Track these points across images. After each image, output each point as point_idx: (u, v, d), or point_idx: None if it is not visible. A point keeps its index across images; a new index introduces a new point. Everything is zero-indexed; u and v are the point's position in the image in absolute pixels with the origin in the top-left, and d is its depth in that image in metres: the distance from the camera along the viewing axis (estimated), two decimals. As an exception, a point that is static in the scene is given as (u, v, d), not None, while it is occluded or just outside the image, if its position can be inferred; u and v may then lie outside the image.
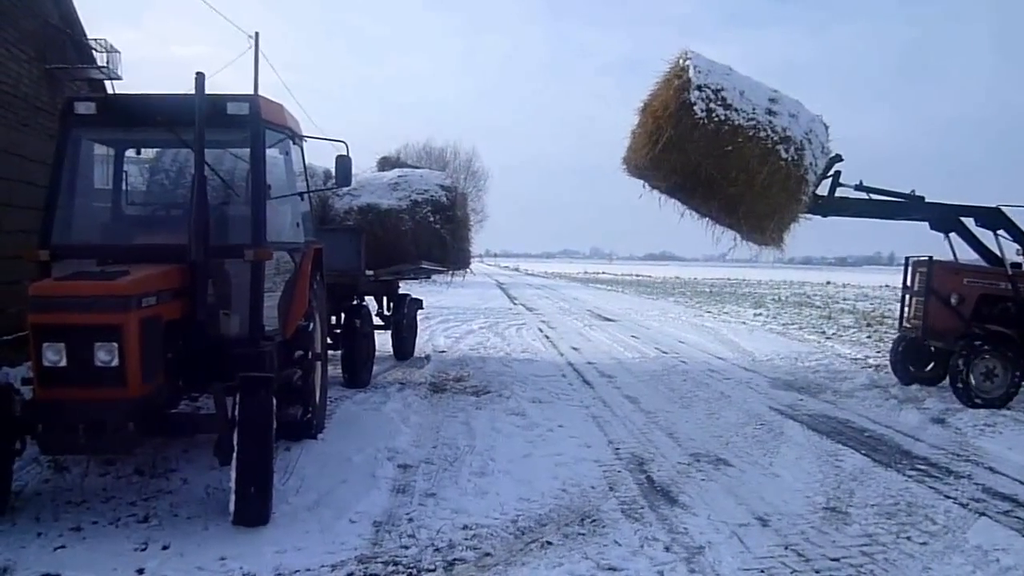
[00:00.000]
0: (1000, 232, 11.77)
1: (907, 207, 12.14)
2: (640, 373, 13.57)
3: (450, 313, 24.56)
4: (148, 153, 8.84)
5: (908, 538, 5.90)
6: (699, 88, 10.83)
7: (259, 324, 6.97)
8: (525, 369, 13.80)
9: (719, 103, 10.85)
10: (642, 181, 11.94)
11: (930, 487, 7.17)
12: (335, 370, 11.25)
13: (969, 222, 12.01)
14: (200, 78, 6.46)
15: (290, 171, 8.27)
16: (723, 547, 5.64)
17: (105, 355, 5.66)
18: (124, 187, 8.20)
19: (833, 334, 20.58)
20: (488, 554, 5.46)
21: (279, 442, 6.96)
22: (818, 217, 12.09)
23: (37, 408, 5.76)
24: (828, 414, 10.26)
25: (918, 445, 8.71)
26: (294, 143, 8.36)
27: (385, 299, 14.30)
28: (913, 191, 12.09)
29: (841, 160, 11.89)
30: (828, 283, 60.52)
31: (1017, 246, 11.85)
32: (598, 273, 77.24)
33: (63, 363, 5.63)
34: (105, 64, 14.91)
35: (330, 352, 10.45)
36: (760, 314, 27.87)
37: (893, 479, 7.40)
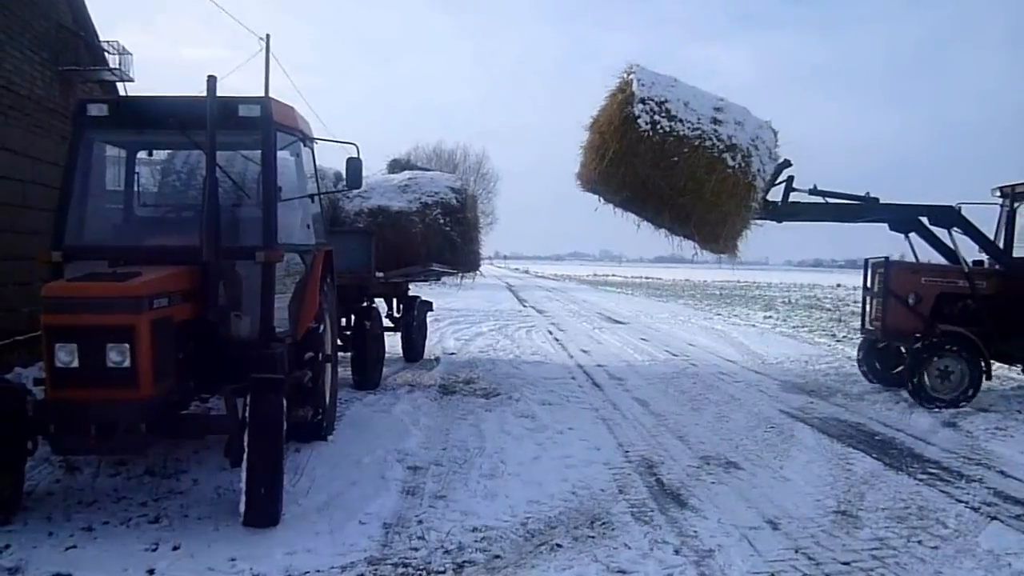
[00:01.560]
0: (955, 230, 11.81)
1: (863, 209, 12.17)
2: (650, 376, 13.55)
3: (460, 315, 24.56)
4: (160, 155, 8.88)
5: (919, 542, 5.87)
6: (642, 101, 10.95)
7: (270, 326, 6.99)
8: (535, 371, 13.80)
9: (663, 115, 10.97)
10: (596, 195, 12.04)
11: (941, 491, 7.14)
12: (345, 372, 11.26)
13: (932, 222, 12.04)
14: (212, 81, 6.48)
15: (301, 173, 8.29)
16: (733, 550, 5.63)
17: (117, 356, 5.69)
18: (136, 189, 8.23)
19: (844, 337, 20.50)
20: (497, 556, 5.46)
21: (289, 443, 6.97)
22: (773, 223, 12.20)
23: (49, 408, 5.79)
24: (839, 417, 10.22)
25: (929, 448, 8.68)
26: (305, 145, 8.38)
27: (395, 301, 14.33)
28: (868, 193, 12.10)
29: (790, 165, 11.96)
30: (839, 286, 60.28)
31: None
32: (608, 275, 77.17)
33: (75, 364, 5.66)
34: (117, 66, 15.00)
35: (340, 354, 10.47)
36: (770, 317, 27.81)
37: (904, 483, 7.37)
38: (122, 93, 14.89)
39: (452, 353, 16.28)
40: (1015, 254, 11.95)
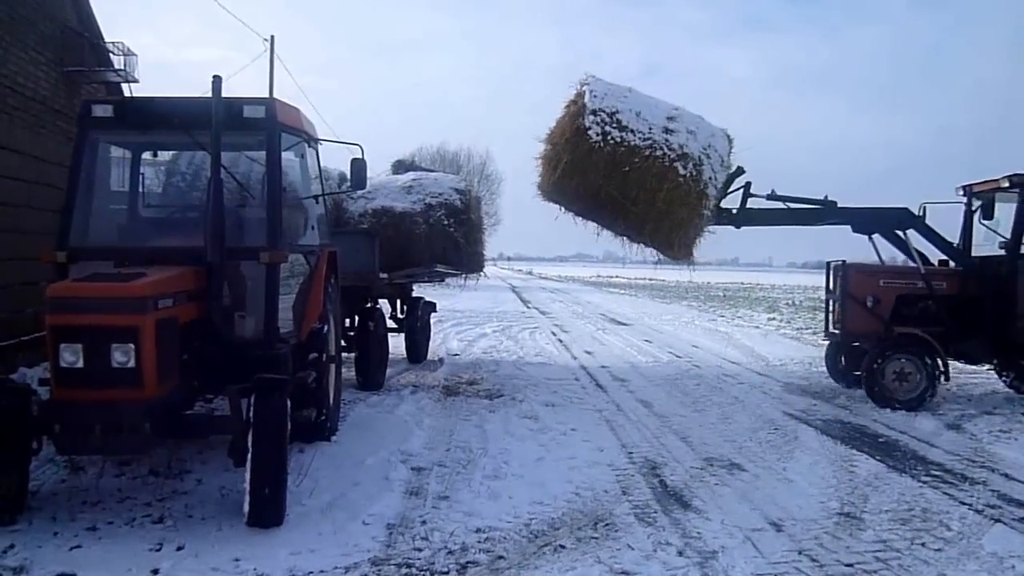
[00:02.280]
0: (911, 231, 11.86)
1: (821, 213, 12.22)
2: (653, 377, 13.55)
3: (463, 316, 24.59)
4: (165, 156, 8.91)
5: (923, 544, 5.86)
6: (594, 112, 11.11)
7: (274, 326, 7.00)
8: (538, 373, 13.80)
9: (614, 126, 11.10)
10: (557, 205, 12.22)
11: (945, 493, 7.13)
12: (349, 373, 11.28)
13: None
14: (217, 81, 6.49)
15: (305, 174, 8.31)
16: (736, 552, 5.63)
17: (121, 356, 5.70)
18: (141, 189, 8.25)
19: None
20: (501, 557, 5.47)
21: (293, 444, 6.99)
22: (731, 228, 12.30)
23: (54, 408, 5.81)
24: (842, 419, 10.22)
25: (933, 451, 8.66)
26: (309, 146, 8.40)
27: (399, 302, 14.36)
28: (826, 196, 12.15)
29: (743, 173, 12.06)
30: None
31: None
32: (611, 277, 77.17)
33: (80, 364, 5.68)
34: (122, 67, 15.04)
35: (344, 355, 10.48)
36: (774, 318, 27.78)
37: (908, 485, 7.36)
38: (127, 94, 14.92)
39: (456, 354, 16.30)
40: (976, 253, 12.00)
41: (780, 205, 12.20)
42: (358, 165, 8.26)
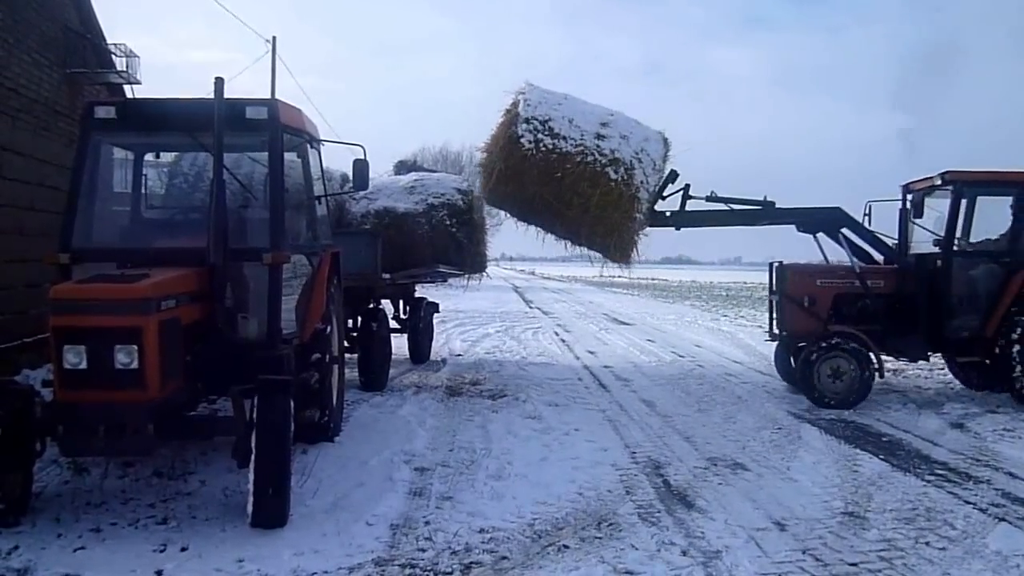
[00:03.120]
0: (843, 231, 11.90)
1: (760, 213, 12.32)
2: (656, 377, 13.54)
3: (466, 317, 24.59)
4: (167, 157, 8.92)
5: (927, 543, 5.85)
6: (526, 121, 11.39)
7: (277, 327, 7.01)
8: (541, 373, 13.80)
9: (546, 133, 11.37)
10: (503, 210, 12.68)
11: (949, 492, 7.12)
12: (352, 373, 11.27)
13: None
14: (219, 83, 6.50)
15: (308, 175, 8.31)
16: (740, 551, 5.62)
17: (125, 357, 5.71)
18: (143, 191, 8.26)
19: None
20: (505, 557, 5.47)
21: (296, 445, 6.99)
22: (672, 229, 12.47)
23: (57, 410, 5.82)
24: (846, 418, 10.20)
25: (937, 450, 8.65)
26: (312, 147, 8.40)
27: (401, 303, 14.37)
28: (765, 197, 12.24)
29: (677, 176, 12.23)
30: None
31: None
32: (614, 277, 77.15)
33: (83, 365, 5.68)
34: (124, 69, 15.05)
35: (347, 355, 10.48)
36: (777, 318, 27.69)
37: (912, 484, 7.35)
38: (129, 95, 14.94)
39: (459, 354, 16.30)
40: (916, 251, 12.07)
41: (721, 206, 12.35)
42: (360, 166, 8.27)
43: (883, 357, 11.28)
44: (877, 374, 10.96)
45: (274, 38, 31.19)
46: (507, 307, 30.70)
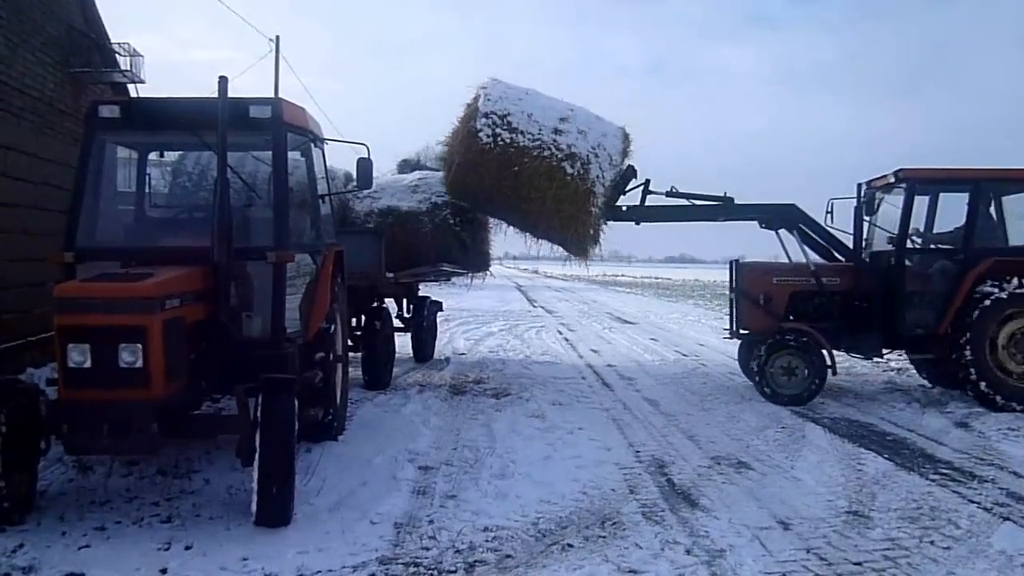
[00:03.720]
0: (797, 229, 11.94)
1: (719, 209, 12.38)
2: (660, 376, 13.54)
3: (470, 315, 24.60)
4: (171, 156, 8.93)
5: (931, 542, 5.84)
6: (485, 115, 11.61)
7: (281, 326, 7.01)
8: (545, 372, 13.81)
9: (505, 127, 11.58)
10: (464, 202, 12.92)
11: (953, 491, 7.11)
12: (356, 372, 11.28)
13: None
14: (223, 82, 6.50)
15: (312, 174, 8.32)
16: (744, 550, 5.62)
17: (129, 356, 5.72)
18: (148, 190, 8.27)
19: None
20: (508, 556, 5.47)
21: (300, 443, 7.00)
22: (632, 224, 12.59)
23: (62, 408, 5.83)
24: (850, 417, 10.19)
25: (941, 449, 8.64)
26: (315, 146, 8.40)
27: (405, 301, 14.37)
28: (725, 193, 12.32)
29: (636, 172, 12.36)
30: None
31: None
32: (617, 276, 76.97)
33: (88, 364, 5.69)
34: (128, 68, 15.06)
35: (351, 354, 10.49)
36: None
37: (916, 483, 7.34)
38: (133, 95, 14.95)
39: (462, 353, 16.31)
40: (876, 248, 12.12)
41: (682, 202, 12.47)
42: (364, 164, 8.27)
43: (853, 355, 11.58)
44: (830, 371, 11.01)
45: (277, 37, 31.18)
46: (510, 306, 30.69)
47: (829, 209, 12.10)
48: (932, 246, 11.98)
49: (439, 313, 15.88)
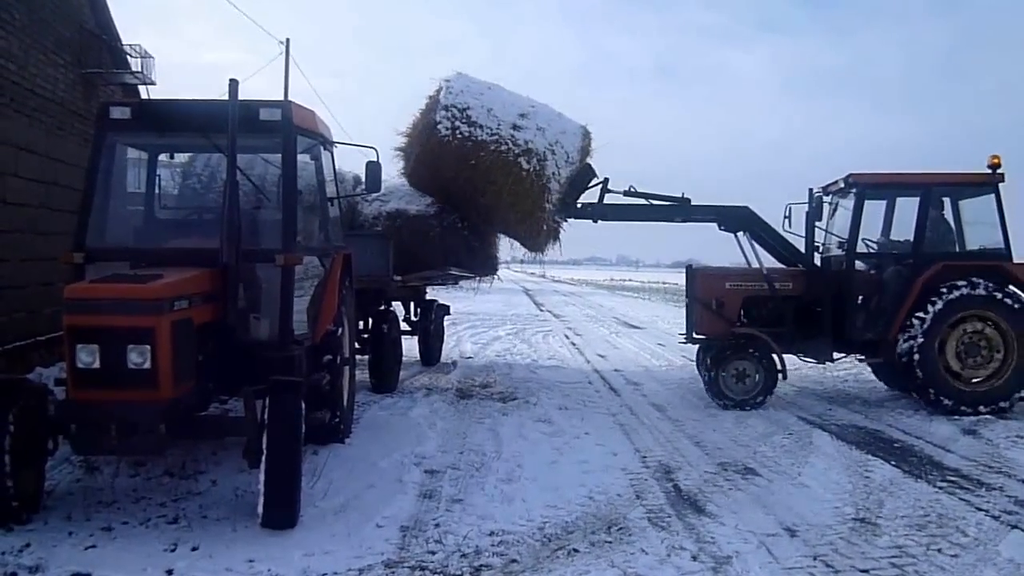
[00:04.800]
0: (751, 232, 11.98)
1: (676, 210, 12.42)
2: (667, 381, 13.51)
3: (477, 319, 24.60)
4: (181, 158, 8.95)
5: (939, 550, 5.82)
6: (445, 108, 11.80)
7: (289, 328, 7.03)
8: (551, 376, 13.80)
9: (464, 121, 11.76)
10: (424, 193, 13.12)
11: (961, 499, 7.08)
12: (363, 375, 11.30)
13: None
14: (233, 84, 6.52)
15: (321, 177, 8.34)
16: (751, 557, 5.60)
17: (137, 357, 5.74)
18: (157, 191, 8.30)
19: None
20: (514, 560, 5.46)
21: (307, 446, 7.00)
22: (589, 222, 12.74)
23: (70, 408, 5.85)
24: (857, 424, 10.16)
25: (949, 456, 8.60)
26: (325, 149, 8.43)
27: (412, 305, 14.37)
28: (683, 194, 12.36)
29: (592, 172, 12.57)
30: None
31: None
32: (625, 280, 77.03)
33: (96, 364, 5.71)
34: (139, 69, 15.12)
35: (358, 357, 10.50)
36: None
37: (923, 490, 7.31)
38: (144, 96, 15.01)
39: (469, 357, 16.31)
40: (826, 253, 12.14)
41: (641, 201, 12.52)
42: (372, 168, 8.30)
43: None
44: (780, 375, 11.00)
45: (288, 40, 31.28)
46: (518, 310, 30.69)
47: (787, 214, 12.09)
48: (885, 251, 11.99)
49: (446, 316, 15.89)
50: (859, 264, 11.78)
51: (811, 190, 11.83)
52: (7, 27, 11.34)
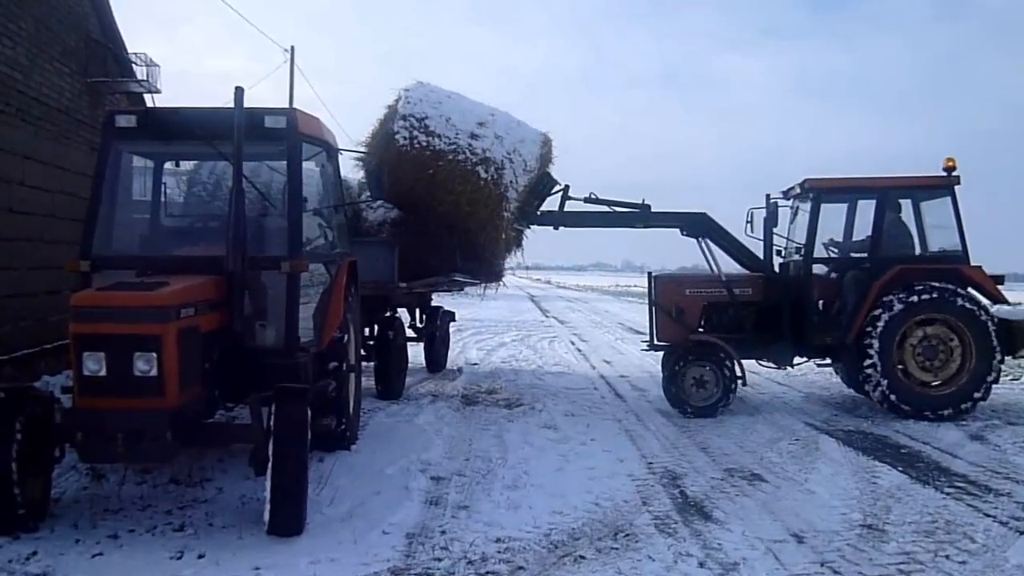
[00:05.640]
0: (705, 239, 11.97)
1: (637, 216, 12.47)
2: (673, 387, 13.45)
3: (482, 326, 24.60)
4: (187, 165, 8.97)
5: (947, 556, 5.79)
6: (403, 118, 11.85)
7: (294, 335, 7.04)
8: (557, 382, 13.79)
9: (422, 131, 11.81)
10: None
11: (969, 505, 7.05)
12: (368, 382, 11.29)
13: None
14: (239, 92, 6.55)
15: (326, 183, 8.35)
16: (758, 563, 5.58)
17: (144, 365, 5.75)
18: (163, 199, 8.32)
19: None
20: (521, 567, 5.45)
21: (313, 453, 6.99)
22: (550, 229, 12.88)
23: (77, 416, 5.86)
24: (864, 430, 10.13)
25: (956, 462, 8.57)
26: (330, 156, 8.44)
27: (418, 311, 14.37)
28: (643, 200, 12.42)
29: (552, 179, 12.66)
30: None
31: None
32: (630, 286, 76.87)
33: (103, 372, 5.73)
34: (145, 78, 15.17)
35: (363, 364, 10.50)
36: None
37: (931, 496, 7.28)
38: (149, 104, 15.06)
39: (475, 363, 16.31)
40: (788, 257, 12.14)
41: (603, 208, 12.56)
42: (377, 175, 8.31)
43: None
44: (740, 381, 10.97)
45: (292, 47, 31.41)
46: (523, 316, 30.68)
47: (749, 219, 12.03)
48: (844, 256, 11.96)
49: (452, 323, 15.89)
50: (820, 269, 11.81)
51: (768, 195, 11.84)
52: (13, 36, 11.40)
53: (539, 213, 12.72)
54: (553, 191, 12.69)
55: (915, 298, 10.68)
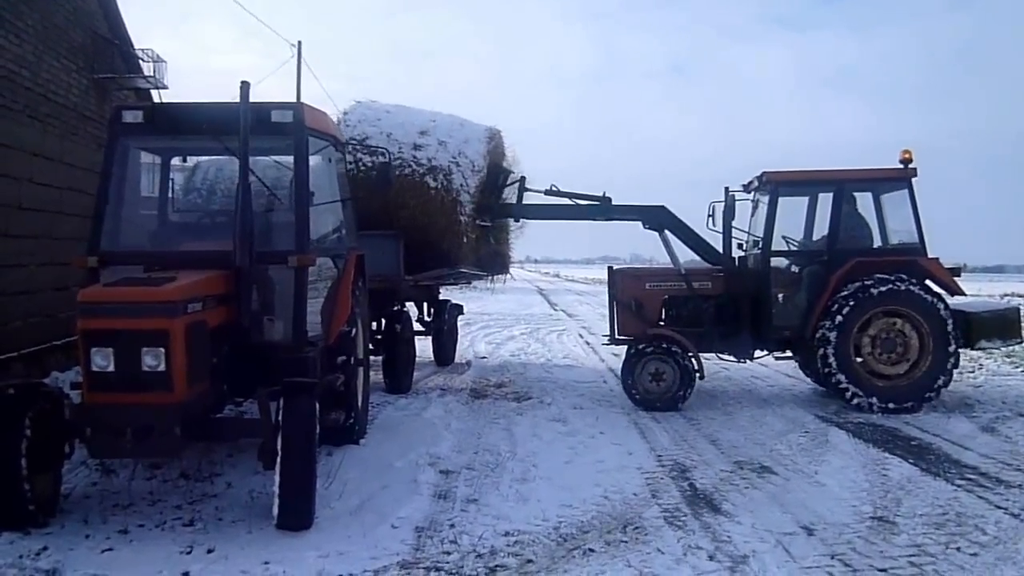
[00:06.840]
0: (667, 231, 11.92)
1: (597, 209, 12.37)
2: (682, 380, 13.43)
3: (491, 319, 24.59)
4: (194, 160, 8.97)
5: (958, 549, 5.76)
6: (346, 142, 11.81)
7: (302, 330, 7.04)
8: (566, 375, 13.78)
9: (364, 151, 11.90)
10: None
11: (980, 497, 7.01)
12: (376, 376, 11.29)
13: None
14: (245, 87, 6.53)
15: (333, 178, 8.34)
16: (768, 556, 5.57)
17: (152, 360, 5.75)
18: (170, 194, 8.32)
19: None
20: (530, 561, 5.45)
21: (322, 447, 7.00)
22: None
23: (86, 412, 5.87)
24: (874, 422, 10.08)
25: (967, 454, 8.53)
26: (337, 150, 8.43)
27: (426, 305, 14.37)
28: (604, 193, 12.33)
29: (503, 169, 12.80)
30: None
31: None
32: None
33: (111, 368, 5.73)
34: (151, 74, 15.17)
35: (371, 358, 10.50)
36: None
37: (942, 488, 7.25)
38: (156, 100, 15.06)
39: (483, 357, 16.31)
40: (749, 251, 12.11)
41: (565, 201, 12.51)
42: (384, 168, 8.29)
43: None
44: (698, 375, 10.93)
45: (299, 43, 31.36)
46: (532, 309, 30.63)
47: (710, 212, 11.99)
48: (801, 248, 11.92)
49: (460, 317, 15.89)
50: (781, 262, 11.77)
51: (727, 188, 11.82)
52: (21, 33, 11.40)
53: (499, 206, 12.77)
54: (508, 183, 12.75)
55: (871, 291, 10.64)
